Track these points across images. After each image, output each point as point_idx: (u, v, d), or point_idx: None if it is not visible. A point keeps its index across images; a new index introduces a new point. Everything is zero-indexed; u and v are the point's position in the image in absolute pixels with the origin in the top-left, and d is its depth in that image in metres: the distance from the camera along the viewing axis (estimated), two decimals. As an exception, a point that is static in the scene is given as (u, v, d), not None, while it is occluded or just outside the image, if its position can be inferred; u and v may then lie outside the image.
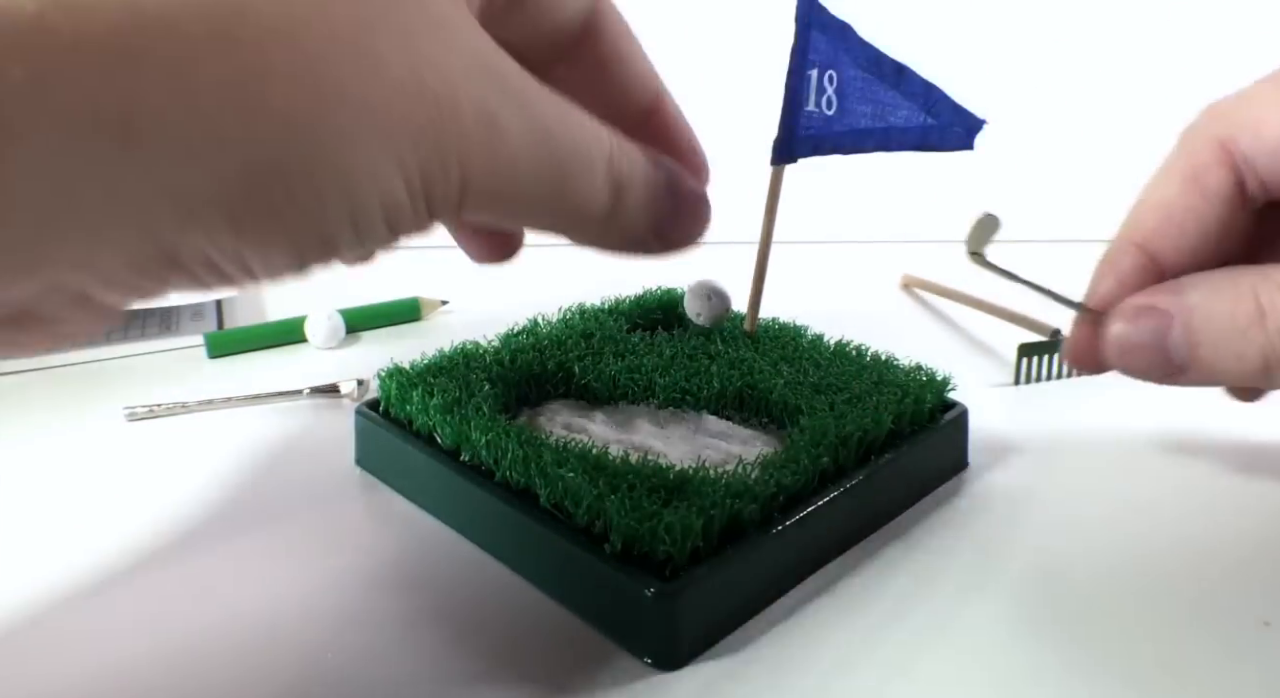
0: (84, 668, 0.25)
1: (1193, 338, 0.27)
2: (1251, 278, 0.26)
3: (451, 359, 0.35)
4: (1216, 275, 0.27)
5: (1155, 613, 0.28)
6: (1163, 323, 0.27)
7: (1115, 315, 0.28)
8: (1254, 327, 0.26)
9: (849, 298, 0.42)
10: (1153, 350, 0.28)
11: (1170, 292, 0.27)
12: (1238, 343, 0.26)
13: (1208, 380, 0.27)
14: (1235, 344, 0.26)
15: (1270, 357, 0.25)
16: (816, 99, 0.36)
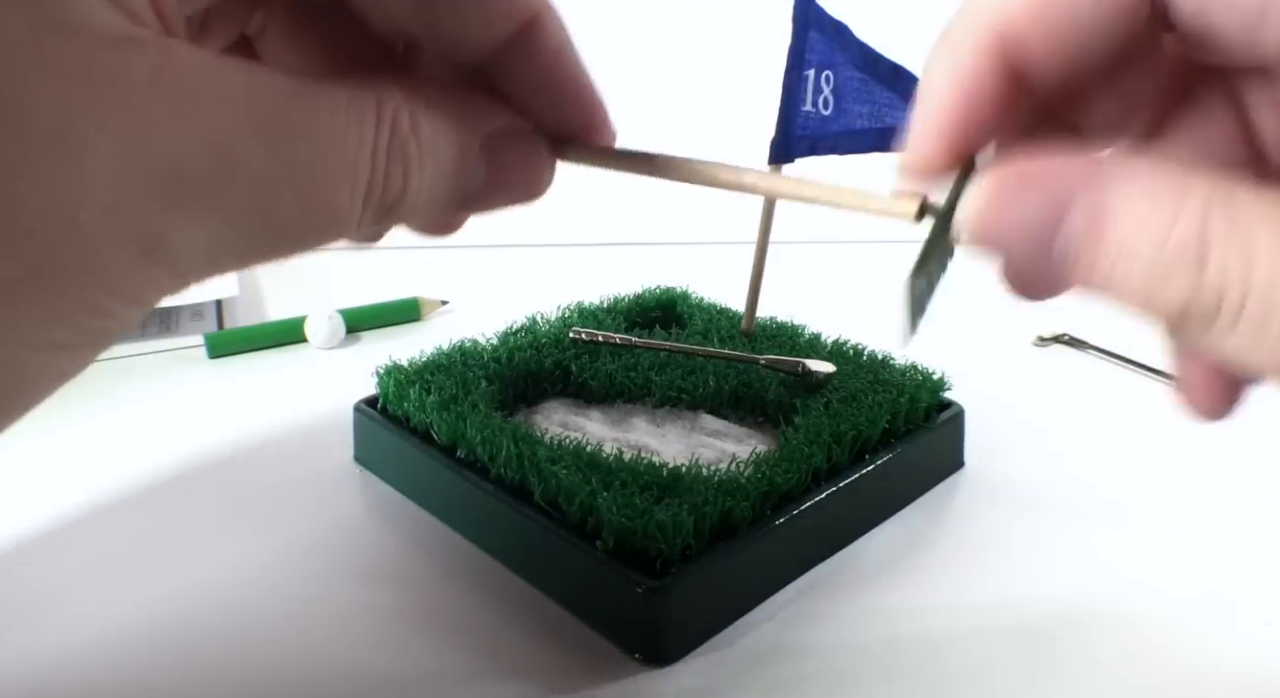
0: (84, 662, 0.26)
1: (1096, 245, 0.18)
2: (1203, 193, 0.17)
3: (449, 357, 0.36)
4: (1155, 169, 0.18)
5: (1155, 613, 0.28)
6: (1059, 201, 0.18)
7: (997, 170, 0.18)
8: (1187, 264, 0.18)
9: (846, 297, 0.42)
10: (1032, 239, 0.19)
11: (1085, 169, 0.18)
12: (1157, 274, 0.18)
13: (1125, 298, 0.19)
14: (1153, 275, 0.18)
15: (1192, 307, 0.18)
16: (814, 99, 0.36)
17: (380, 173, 0.19)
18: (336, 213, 0.19)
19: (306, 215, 0.19)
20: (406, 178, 0.20)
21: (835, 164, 0.37)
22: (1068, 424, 0.40)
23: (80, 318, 0.17)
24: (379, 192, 0.19)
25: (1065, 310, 0.54)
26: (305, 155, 0.18)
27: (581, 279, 0.46)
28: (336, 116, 0.19)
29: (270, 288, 0.58)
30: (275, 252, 0.19)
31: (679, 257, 0.62)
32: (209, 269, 0.18)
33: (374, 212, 0.20)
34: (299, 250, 0.20)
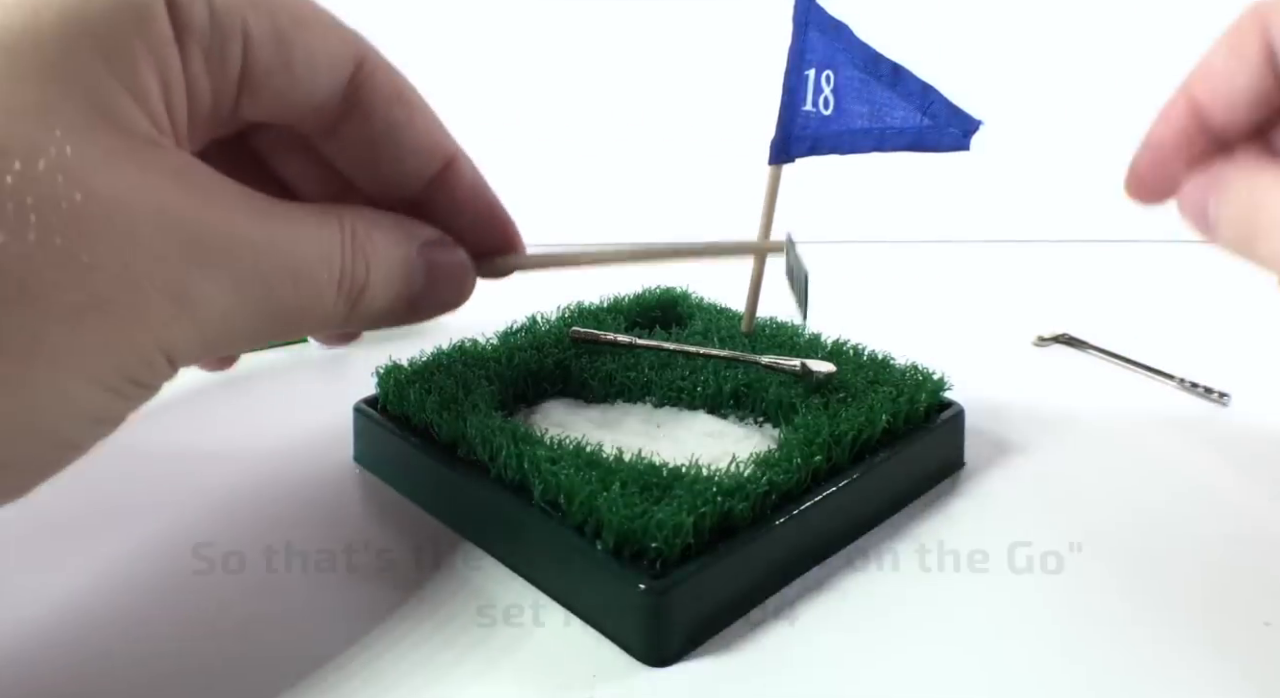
0: (84, 661, 0.26)
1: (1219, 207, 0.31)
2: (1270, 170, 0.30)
3: (449, 357, 0.36)
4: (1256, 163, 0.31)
5: (1154, 613, 0.28)
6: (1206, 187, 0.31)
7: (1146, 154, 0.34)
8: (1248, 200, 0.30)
9: (846, 297, 0.42)
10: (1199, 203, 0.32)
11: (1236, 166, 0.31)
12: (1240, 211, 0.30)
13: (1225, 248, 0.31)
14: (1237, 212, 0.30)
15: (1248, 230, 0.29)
16: (814, 99, 0.36)
17: (349, 264, 0.25)
18: (320, 293, 0.24)
19: (298, 290, 0.23)
20: (369, 271, 0.25)
21: (835, 164, 0.37)
22: (1068, 424, 0.40)
23: (125, 356, 0.21)
24: (349, 280, 0.25)
25: (1064, 311, 0.54)
26: (292, 242, 0.23)
27: (581, 279, 0.46)
28: (310, 220, 0.24)
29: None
30: (275, 325, 0.24)
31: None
32: (224, 332, 0.23)
33: (346, 299, 0.25)
34: (294, 329, 0.25)
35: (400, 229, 0.27)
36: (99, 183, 0.20)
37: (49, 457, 0.22)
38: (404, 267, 0.27)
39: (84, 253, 0.19)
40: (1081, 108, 0.71)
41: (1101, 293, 0.60)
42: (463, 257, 0.29)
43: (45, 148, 0.19)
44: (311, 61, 0.25)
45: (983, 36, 0.70)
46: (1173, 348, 0.44)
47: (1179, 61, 0.32)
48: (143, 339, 0.21)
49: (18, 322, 0.19)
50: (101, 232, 0.20)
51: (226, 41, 0.23)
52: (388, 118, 0.27)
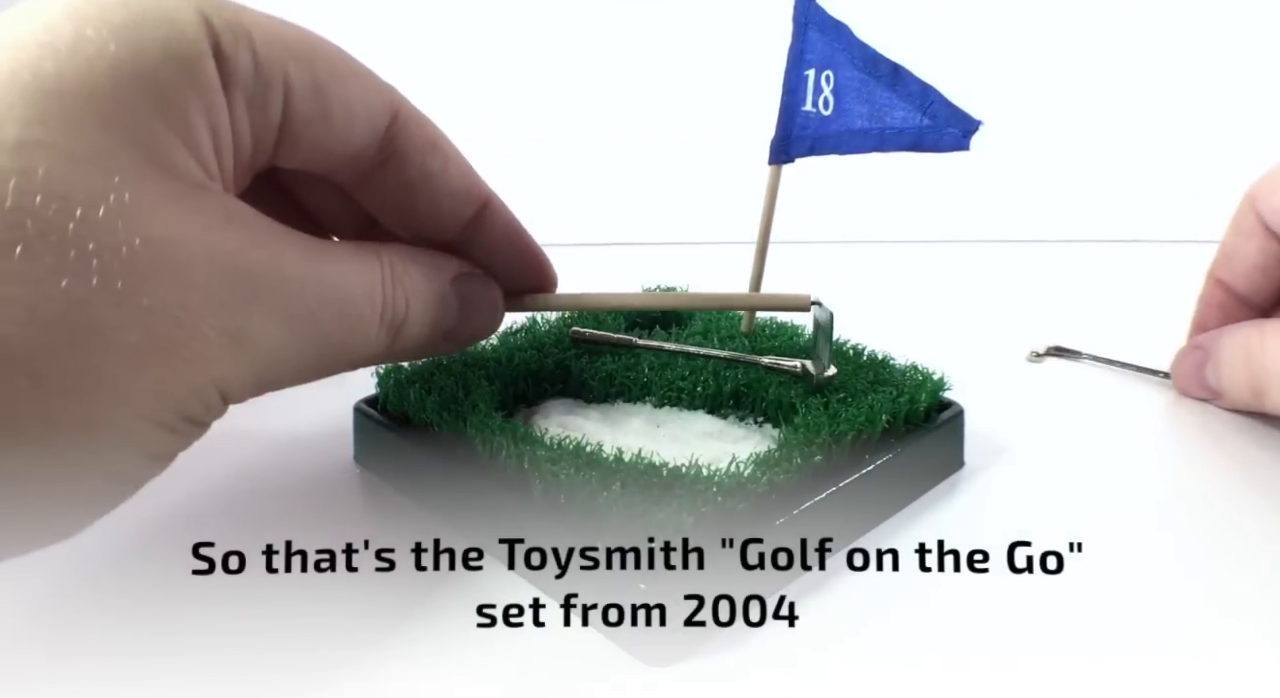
0: (84, 662, 0.26)
1: (1217, 371, 0.38)
2: (1249, 328, 0.37)
3: (449, 357, 0.36)
4: (1241, 324, 0.38)
5: (1154, 614, 0.28)
6: (1201, 357, 0.39)
7: (1180, 350, 0.40)
8: (1245, 363, 0.37)
9: (845, 297, 0.42)
10: (1196, 377, 0.40)
11: (1213, 335, 0.39)
12: (1240, 374, 0.37)
13: (1237, 404, 0.38)
14: (1238, 375, 0.37)
15: (1254, 386, 0.37)
16: (814, 99, 0.36)
17: (389, 298, 0.26)
18: (365, 327, 0.25)
19: (344, 325, 0.25)
20: (409, 304, 0.27)
21: (835, 164, 0.37)
22: (1068, 424, 0.40)
23: (182, 394, 0.22)
24: (390, 313, 0.26)
25: (1063, 310, 0.54)
26: (337, 278, 0.25)
27: (581, 279, 0.46)
28: (351, 257, 0.25)
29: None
30: (323, 360, 0.25)
31: (679, 257, 0.62)
32: (275, 368, 0.24)
33: (388, 331, 0.26)
34: (340, 363, 0.26)
35: (434, 263, 0.28)
36: (155, 228, 0.20)
37: (108, 493, 0.22)
38: (439, 299, 0.28)
39: (144, 296, 0.20)
40: (1081, 108, 0.71)
41: (1101, 293, 0.60)
42: (494, 288, 0.31)
43: (105, 194, 0.20)
44: (349, 112, 0.25)
45: (983, 36, 0.70)
46: (1173, 348, 0.44)
47: (1175, 62, 0.32)
48: (199, 377, 0.22)
49: (83, 363, 0.20)
50: (159, 275, 0.20)
51: (269, 91, 0.24)
52: (423, 167, 0.28)
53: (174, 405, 0.22)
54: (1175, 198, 0.70)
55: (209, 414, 0.23)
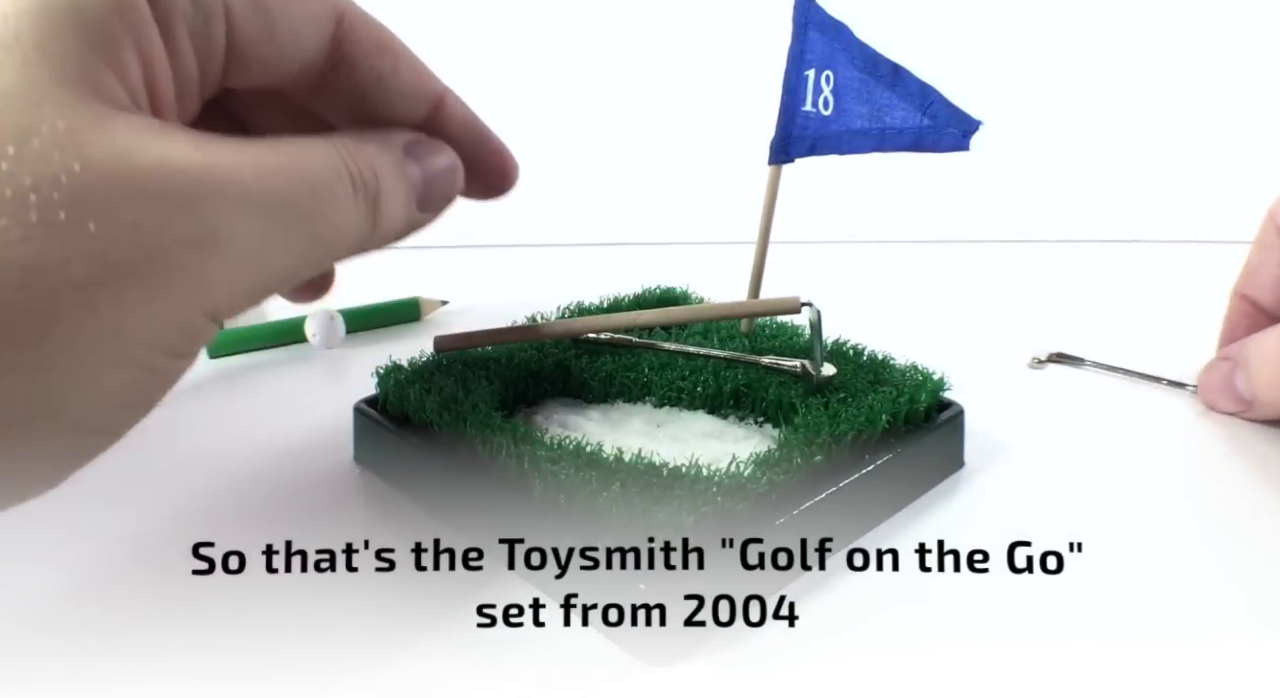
0: (84, 662, 0.26)
1: (1248, 377, 0.38)
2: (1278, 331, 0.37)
3: (450, 357, 0.36)
4: (1270, 330, 0.37)
5: (1155, 614, 0.28)
6: (1229, 368, 0.39)
7: (1207, 364, 0.40)
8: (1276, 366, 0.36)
9: (846, 297, 0.42)
10: (1225, 388, 0.39)
11: (1239, 344, 0.39)
12: (1272, 376, 0.37)
13: (1269, 411, 0.38)
14: (1270, 377, 0.37)
15: None
16: (814, 99, 0.36)
17: (354, 170, 0.25)
18: (339, 200, 0.24)
19: (318, 198, 0.23)
20: (376, 174, 0.25)
21: (835, 164, 0.37)
22: (1068, 424, 0.40)
23: (153, 326, 0.20)
24: (361, 184, 0.25)
25: (1063, 310, 0.54)
26: (296, 158, 0.23)
27: (581, 279, 0.46)
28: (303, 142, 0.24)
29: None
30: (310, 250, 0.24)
31: (679, 257, 0.62)
32: (262, 269, 0.22)
33: (366, 202, 0.25)
34: (331, 248, 0.24)
35: (383, 136, 0.27)
36: (93, 150, 0.19)
37: (76, 445, 0.21)
38: (399, 166, 0.27)
39: (90, 222, 0.19)
40: (1081, 108, 0.71)
41: (1101, 293, 0.60)
42: (447, 150, 0.29)
43: (37, 127, 0.19)
44: (293, 26, 0.25)
45: (983, 36, 0.70)
46: (1172, 348, 0.44)
47: (1174, 62, 0.32)
48: (172, 302, 0.20)
49: (24, 306, 0.18)
50: (104, 197, 0.19)
51: (210, 18, 0.23)
52: (373, 69, 0.27)
53: (145, 340, 0.20)
54: (1176, 198, 0.70)
55: (195, 341, 0.21)
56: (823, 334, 0.34)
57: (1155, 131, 0.70)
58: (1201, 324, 0.46)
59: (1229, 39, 0.70)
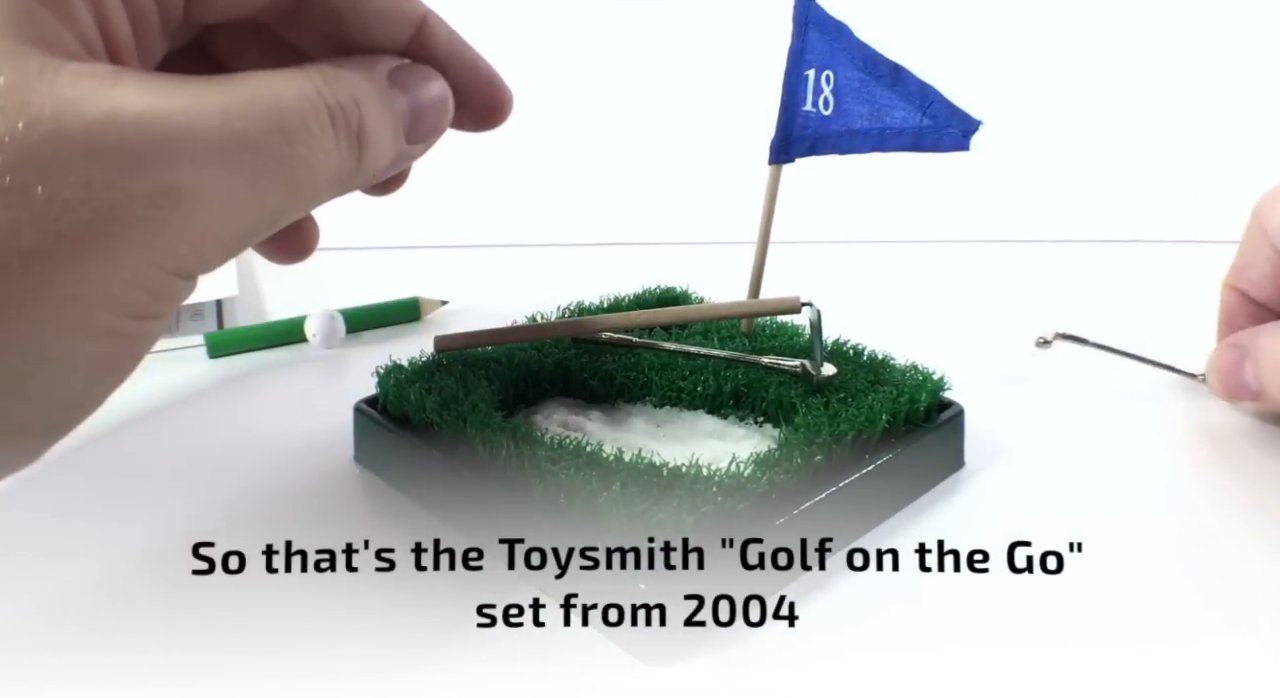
0: (84, 661, 0.26)
1: (1257, 369, 0.37)
2: None
3: (450, 357, 0.36)
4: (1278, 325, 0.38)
5: (1155, 613, 0.28)
6: (1239, 355, 0.38)
7: (1215, 349, 0.39)
8: None
9: (845, 297, 0.42)
10: (1234, 376, 0.38)
11: (1251, 332, 0.38)
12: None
13: (1275, 403, 0.37)
14: None
15: None
16: (814, 99, 0.36)
17: (331, 101, 0.23)
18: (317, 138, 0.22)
19: (293, 142, 0.21)
20: (358, 105, 0.23)
21: (835, 164, 0.37)
22: (1068, 424, 0.40)
23: (115, 289, 0.19)
24: (341, 116, 0.23)
25: (1063, 310, 0.54)
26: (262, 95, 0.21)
27: (581, 279, 0.46)
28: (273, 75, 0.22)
29: (270, 288, 0.58)
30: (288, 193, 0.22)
31: (679, 257, 0.62)
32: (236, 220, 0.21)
33: (347, 138, 0.23)
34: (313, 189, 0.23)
35: (364, 62, 0.25)
36: (40, 106, 0.18)
37: (49, 419, 0.20)
38: (385, 96, 0.25)
39: (38, 184, 0.17)
40: (1081, 108, 0.71)
41: (1101, 293, 0.60)
42: (435, 75, 0.27)
43: None
44: None
45: (983, 36, 0.70)
46: (1172, 347, 0.44)
47: (1173, 62, 0.32)
48: (133, 263, 0.19)
49: None
50: (52, 155, 0.18)
51: None
52: None
53: (108, 306, 0.19)
54: (1176, 198, 0.70)
55: (164, 302, 0.20)
56: (823, 334, 0.34)
57: (1155, 131, 0.70)
58: (1201, 324, 0.46)
59: (1229, 38, 0.70)
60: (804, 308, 0.33)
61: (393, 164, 0.25)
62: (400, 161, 0.26)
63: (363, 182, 0.25)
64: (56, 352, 0.19)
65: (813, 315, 0.33)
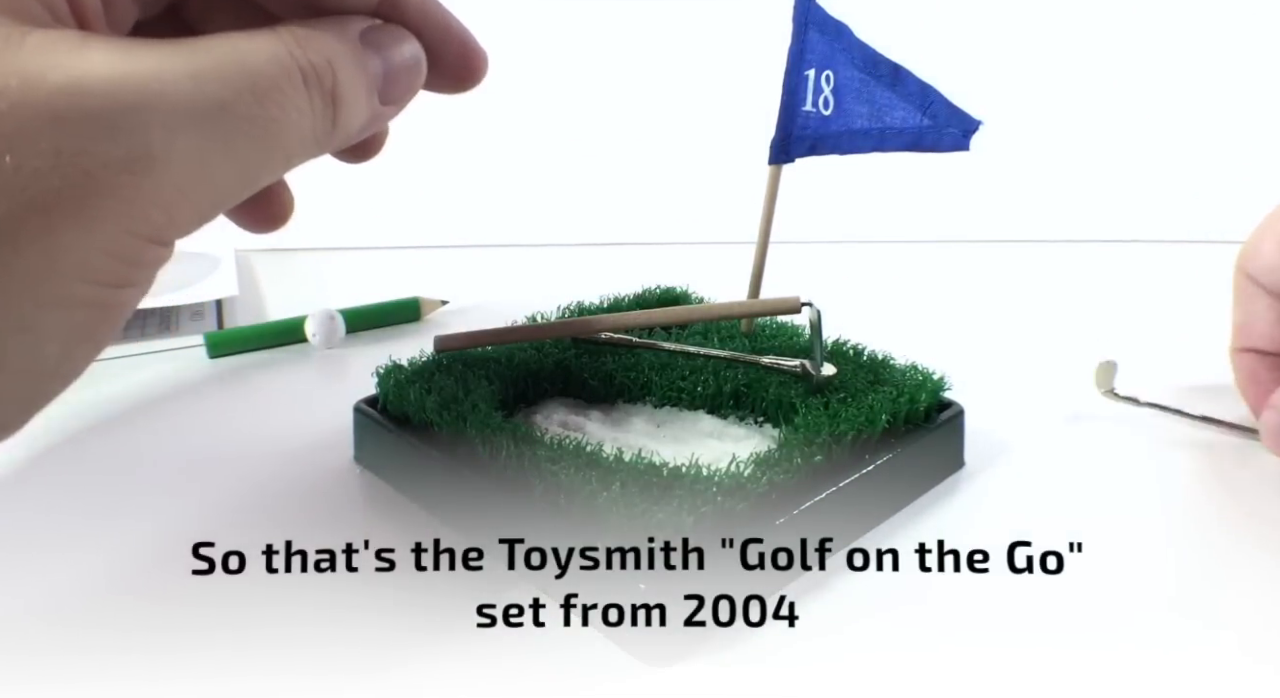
0: (84, 661, 0.26)
1: None
2: None
3: (450, 357, 0.36)
4: None
5: (1154, 614, 0.28)
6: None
7: (1266, 412, 0.37)
8: None
9: (845, 297, 0.42)
10: None
11: None
12: None
13: None
14: None
15: None
16: (814, 99, 0.36)
17: (304, 60, 0.22)
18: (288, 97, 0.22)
19: (263, 98, 0.21)
20: (331, 65, 0.23)
21: (835, 164, 0.37)
22: (1068, 424, 0.40)
23: (87, 257, 0.18)
24: (314, 76, 0.22)
25: (1063, 310, 0.54)
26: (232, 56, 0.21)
27: (581, 279, 0.46)
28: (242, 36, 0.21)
29: (270, 288, 0.58)
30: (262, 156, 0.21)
31: (679, 257, 0.62)
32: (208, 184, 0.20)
33: (321, 97, 0.23)
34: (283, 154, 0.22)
35: (336, 23, 0.24)
36: (5, 74, 0.18)
37: (27, 392, 0.20)
38: (358, 57, 0.24)
39: (5, 153, 0.17)
40: (1081, 108, 0.71)
41: (1101, 293, 0.60)
42: (408, 35, 0.27)
43: None
44: None
45: (983, 36, 0.70)
46: (1171, 347, 0.44)
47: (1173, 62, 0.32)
48: (106, 231, 0.19)
49: None
50: (19, 124, 0.18)
51: None
52: None
53: (82, 275, 0.19)
54: (1176, 198, 0.70)
55: (139, 269, 0.20)
56: (823, 334, 0.34)
57: (1155, 132, 0.70)
58: (1202, 324, 0.46)
59: (1229, 38, 0.70)
60: (804, 308, 0.33)
61: (367, 125, 0.25)
62: (374, 123, 0.26)
63: (338, 143, 0.24)
64: (30, 322, 0.18)
65: (813, 315, 0.33)
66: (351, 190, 0.63)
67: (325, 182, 0.37)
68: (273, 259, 0.64)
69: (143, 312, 0.50)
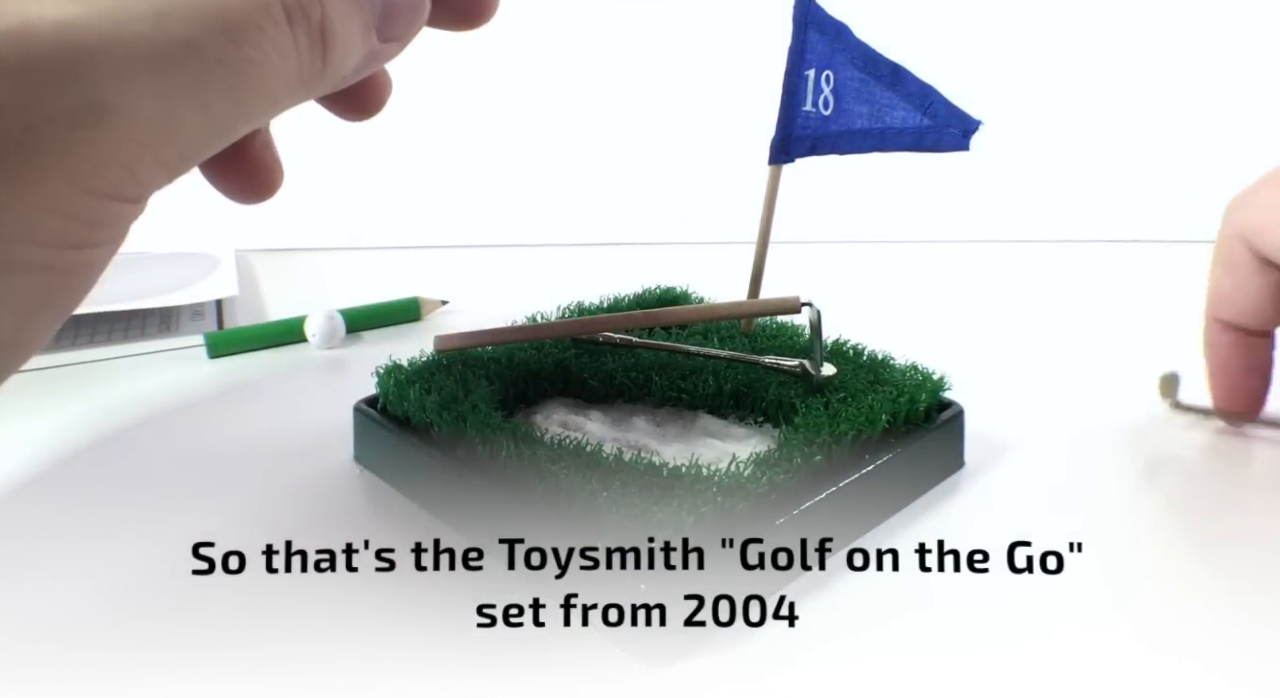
0: (84, 661, 0.26)
1: None
2: None
3: (450, 357, 0.36)
4: None
5: (1155, 614, 0.28)
6: None
7: None
8: None
9: (845, 297, 0.42)
10: None
11: None
12: None
13: None
14: None
15: None
16: (814, 99, 0.36)
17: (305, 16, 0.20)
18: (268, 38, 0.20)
19: (237, 39, 0.19)
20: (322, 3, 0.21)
21: (835, 163, 0.37)
22: (1068, 424, 0.40)
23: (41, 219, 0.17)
24: (299, 13, 0.20)
25: (1063, 310, 0.54)
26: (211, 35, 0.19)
27: (581, 279, 0.46)
28: None
29: (270, 288, 0.58)
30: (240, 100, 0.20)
31: (679, 257, 0.62)
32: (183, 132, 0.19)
33: (308, 35, 0.20)
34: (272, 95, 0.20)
35: None
36: None
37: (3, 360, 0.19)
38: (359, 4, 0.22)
39: None
40: (1082, 108, 0.71)
41: (1100, 293, 0.60)
42: None
43: None
44: None
45: (983, 36, 0.70)
46: (1170, 347, 0.44)
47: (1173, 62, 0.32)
48: (56, 189, 0.17)
49: None
50: None
51: None
52: None
53: (33, 237, 0.17)
54: (1176, 198, 0.70)
55: (101, 228, 0.19)
56: (823, 334, 0.34)
57: (1155, 132, 0.70)
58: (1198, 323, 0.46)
59: (1229, 37, 0.70)
60: (804, 308, 0.33)
61: (364, 65, 0.23)
62: (372, 62, 0.23)
63: (329, 85, 0.22)
64: None
65: (813, 315, 0.33)
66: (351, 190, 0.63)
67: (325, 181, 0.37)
68: (273, 259, 0.64)
69: (143, 312, 0.50)
